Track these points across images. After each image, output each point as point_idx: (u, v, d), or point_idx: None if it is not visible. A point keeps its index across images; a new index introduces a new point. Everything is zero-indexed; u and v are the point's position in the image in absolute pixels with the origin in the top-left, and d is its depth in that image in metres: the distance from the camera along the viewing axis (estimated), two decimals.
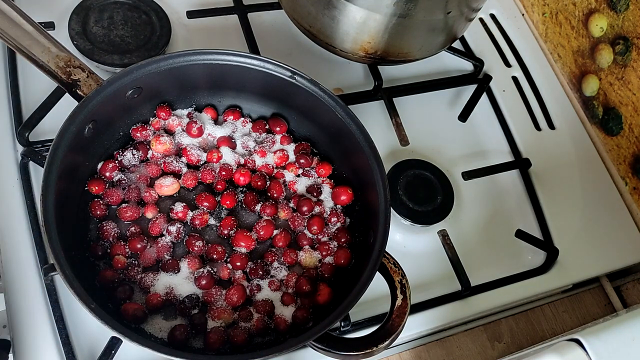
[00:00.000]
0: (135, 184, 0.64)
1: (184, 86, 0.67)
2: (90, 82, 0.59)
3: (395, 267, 0.58)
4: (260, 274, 0.61)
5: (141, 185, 0.64)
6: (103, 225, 0.61)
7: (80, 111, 0.57)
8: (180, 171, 0.66)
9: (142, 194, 0.64)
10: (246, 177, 0.66)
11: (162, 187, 0.64)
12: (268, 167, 0.68)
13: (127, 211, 0.62)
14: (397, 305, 0.57)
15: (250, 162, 0.68)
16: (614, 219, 0.80)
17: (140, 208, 0.63)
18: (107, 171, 0.63)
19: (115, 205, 0.63)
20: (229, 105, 0.71)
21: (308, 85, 0.64)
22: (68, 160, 0.56)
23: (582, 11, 0.84)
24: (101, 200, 0.62)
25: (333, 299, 0.60)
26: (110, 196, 0.62)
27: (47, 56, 0.58)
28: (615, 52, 0.80)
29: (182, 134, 0.67)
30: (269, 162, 0.68)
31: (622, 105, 0.81)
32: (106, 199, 0.62)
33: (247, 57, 0.63)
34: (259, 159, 0.68)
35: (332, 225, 0.66)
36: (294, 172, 0.68)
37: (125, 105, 0.63)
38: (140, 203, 0.64)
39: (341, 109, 0.64)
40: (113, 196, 0.62)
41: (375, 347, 0.54)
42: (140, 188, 0.64)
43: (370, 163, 0.62)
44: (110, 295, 0.58)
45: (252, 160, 0.68)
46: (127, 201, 0.63)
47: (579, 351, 0.51)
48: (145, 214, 0.63)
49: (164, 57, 0.61)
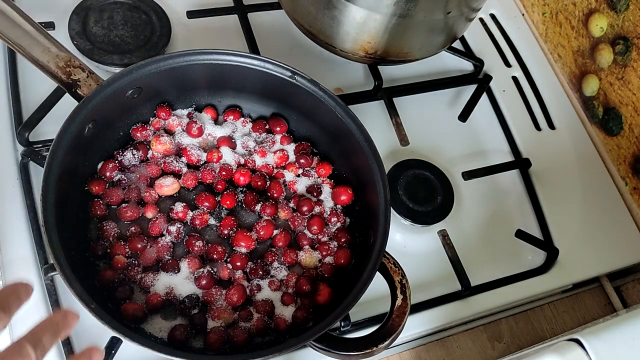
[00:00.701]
0: (135, 183, 0.64)
1: (184, 86, 0.67)
2: (90, 82, 0.59)
3: (395, 267, 0.58)
4: (260, 274, 0.61)
5: (141, 185, 0.64)
6: (103, 225, 0.61)
7: (80, 111, 0.57)
8: (180, 171, 0.66)
9: (142, 194, 0.64)
10: (246, 177, 0.66)
11: (162, 187, 0.64)
12: (268, 167, 0.68)
13: (127, 211, 0.62)
14: (397, 305, 0.57)
15: (251, 162, 0.68)
16: (614, 219, 0.80)
17: (140, 208, 0.63)
18: (107, 171, 0.63)
19: (115, 205, 0.63)
20: (228, 105, 0.71)
21: (308, 85, 0.64)
22: (68, 160, 0.56)
23: (582, 11, 0.84)
24: (101, 200, 0.62)
25: (333, 299, 0.60)
26: (111, 196, 0.62)
27: (47, 56, 0.58)
28: (615, 52, 0.80)
29: (182, 134, 0.67)
30: (269, 162, 0.68)
31: (622, 105, 0.81)
32: (106, 199, 0.62)
33: (247, 57, 0.64)
34: (259, 159, 0.68)
35: (332, 225, 0.66)
36: (294, 172, 0.68)
37: (125, 105, 0.63)
38: (140, 203, 0.64)
39: (341, 109, 0.64)
40: (113, 196, 0.62)
41: (375, 347, 0.54)
42: (140, 188, 0.64)
43: (370, 163, 0.62)
44: (110, 295, 0.58)
45: (252, 160, 0.68)
46: (127, 201, 0.63)
47: (579, 351, 0.51)
48: (145, 214, 0.63)
49: (164, 57, 0.61)
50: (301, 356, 0.63)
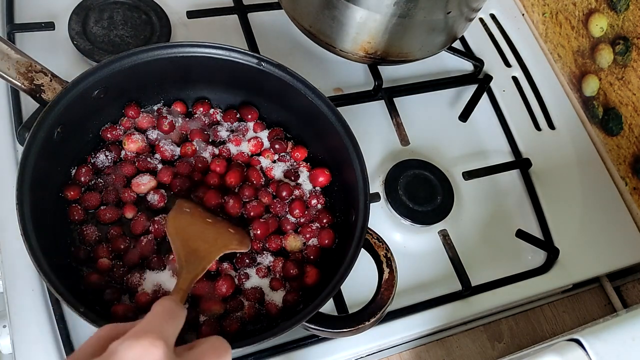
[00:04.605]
0: (111, 185, 0.63)
1: (151, 82, 0.66)
2: (54, 86, 0.58)
3: (379, 242, 0.59)
4: (247, 262, 0.61)
5: (118, 186, 0.63)
6: (83, 229, 0.60)
7: (47, 116, 0.56)
8: (155, 168, 0.65)
9: (120, 194, 0.63)
10: (222, 166, 0.65)
11: (140, 185, 0.63)
12: (243, 155, 0.67)
13: (106, 213, 0.61)
14: (385, 279, 0.57)
15: (225, 151, 0.67)
16: (614, 219, 0.80)
17: (119, 209, 0.62)
18: (82, 176, 0.62)
19: (93, 209, 0.62)
20: (197, 98, 0.70)
21: (276, 71, 0.64)
22: (40, 167, 0.55)
23: (582, 11, 0.84)
24: (79, 205, 0.61)
25: (321, 280, 0.60)
26: (88, 200, 0.61)
27: (7, 63, 0.57)
28: (615, 52, 0.80)
29: (153, 131, 0.67)
30: (244, 150, 0.68)
31: (622, 105, 0.81)
32: (84, 203, 0.61)
33: (211, 48, 0.63)
34: (233, 148, 0.68)
35: (312, 207, 0.66)
36: (269, 158, 0.68)
37: (93, 106, 0.62)
38: (118, 204, 0.63)
39: (311, 91, 0.63)
40: (90, 200, 0.61)
41: (367, 322, 0.55)
42: (117, 189, 0.63)
43: (344, 142, 0.62)
44: (98, 298, 0.57)
45: (227, 149, 0.67)
46: (105, 203, 0.62)
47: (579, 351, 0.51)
48: (125, 214, 0.62)
49: (127, 54, 0.60)
50: (301, 356, 0.63)
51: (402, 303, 0.67)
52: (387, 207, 0.72)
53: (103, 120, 0.65)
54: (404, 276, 0.66)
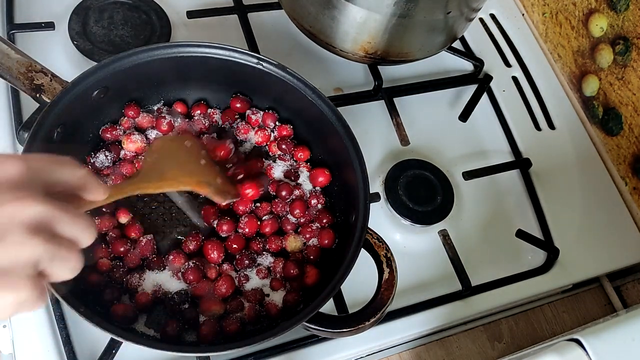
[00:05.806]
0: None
1: (151, 82, 0.66)
2: (54, 86, 0.58)
3: (380, 242, 0.59)
4: (247, 263, 0.61)
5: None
6: None
7: (47, 116, 0.56)
8: None
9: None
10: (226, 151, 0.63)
11: None
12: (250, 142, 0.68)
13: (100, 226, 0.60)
14: (385, 279, 0.57)
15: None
16: (614, 219, 0.80)
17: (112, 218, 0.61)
18: None
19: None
20: (197, 98, 0.70)
21: (276, 71, 0.64)
22: None
23: (582, 11, 0.84)
24: None
25: (321, 280, 0.60)
26: None
27: (8, 63, 0.57)
28: (615, 52, 0.80)
29: (153, 131, 0.66)
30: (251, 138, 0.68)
31: (622, 105, 0.81)
32: None
33: (212, 48, 0.63)
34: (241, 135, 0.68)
35: (312, 207, 0.66)
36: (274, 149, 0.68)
37: (93, 106, 0.62)
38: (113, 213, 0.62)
39: (311, 91, 0.63)
40: None
41: (367, 322, 0.55)
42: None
43: (344, 142, 0.62)
44: (98, 298, 0.57)
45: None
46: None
47: (579, 351, 0.51)
48: (119, 219, 0.62)
49: (127, 54, 0.60)
50: (301, 356, 0.63)
51: (402, 303, 0.67)
52: (387, 207, 0.72)
53: (103, 120, 0.65)
54: (404, 276, 0.66)
